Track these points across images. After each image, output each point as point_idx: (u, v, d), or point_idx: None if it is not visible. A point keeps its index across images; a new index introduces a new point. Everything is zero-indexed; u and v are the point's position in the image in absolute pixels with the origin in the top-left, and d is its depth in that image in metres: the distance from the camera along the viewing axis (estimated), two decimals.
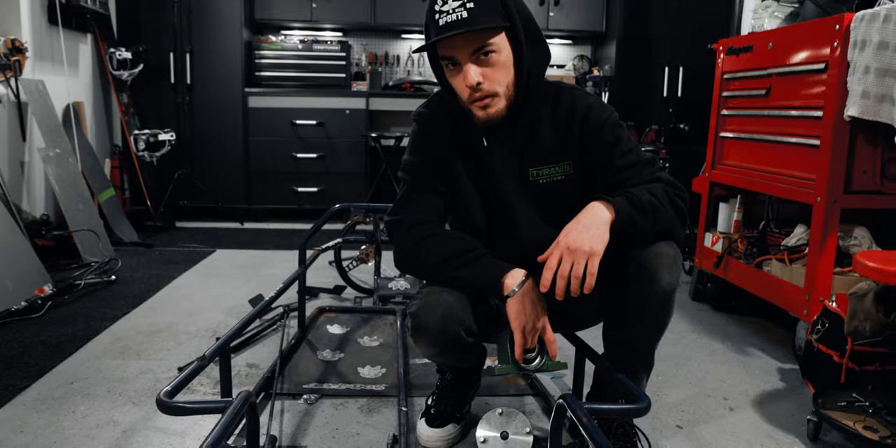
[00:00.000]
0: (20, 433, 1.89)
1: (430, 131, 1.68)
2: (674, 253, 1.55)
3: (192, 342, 2.64)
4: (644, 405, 1.44)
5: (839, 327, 2.04)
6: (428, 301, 1.56)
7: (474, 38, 1.47)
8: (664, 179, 1.59)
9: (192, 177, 5.16)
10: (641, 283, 1.53)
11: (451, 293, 1.57)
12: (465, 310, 1.57)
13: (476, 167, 1.65)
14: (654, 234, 1.53)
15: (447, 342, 1.56)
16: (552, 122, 1.60)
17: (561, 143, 1.60)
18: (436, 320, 1.53)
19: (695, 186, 3.36)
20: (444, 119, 1.66)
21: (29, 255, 3.28)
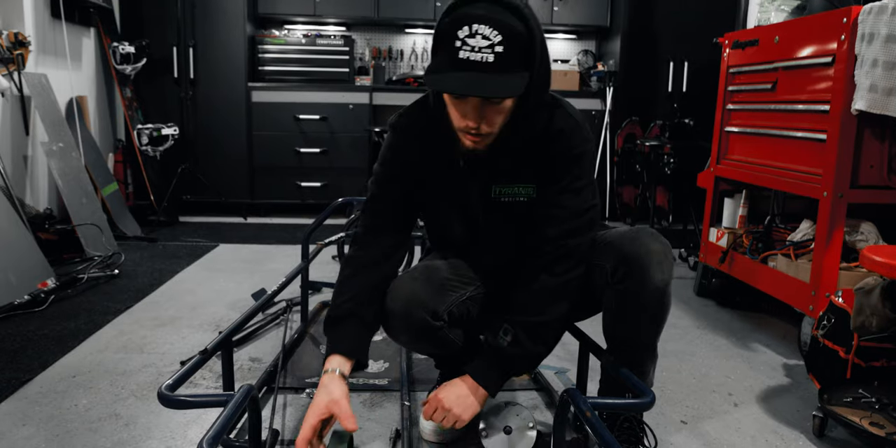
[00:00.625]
0: (23, 426, 1.89)
1: (403, 143, 1.64)
2: (663, 248, 1.56)
3: (194, 336, 2.64)
4: (648, 400, 1.43)
5: (845, 323, 2.02)
6: (394, 287, 1.59)
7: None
8: (573, 247, 1.56)
9: (196, 171, 5.16)
10: (635, 282, 1.55)
11: (417, 279, 1.60)
12: (432, 295, 1.58)
13: (447, 181, 1.64)
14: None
15: (414, 328, 1.57)
16: (525, 145, 1.56)
17: (527, 165, 1.58)
18: (400, 306, 1.55)
19: (700, 182, 3.34)
20: (421, 130, 1.61)
21: (32, 248, 3.28)
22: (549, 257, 1.56)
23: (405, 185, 1.65)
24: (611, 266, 1.58)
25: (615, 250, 1.58)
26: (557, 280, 1.56)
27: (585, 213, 1.57)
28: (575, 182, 1.55)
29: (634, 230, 1.61)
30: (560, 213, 1.56)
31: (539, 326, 1.58)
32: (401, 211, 1.67)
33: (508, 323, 1.56)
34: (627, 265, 1.55)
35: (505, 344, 1.52)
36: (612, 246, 1.59)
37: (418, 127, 1.62)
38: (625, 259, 1.55)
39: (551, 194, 1.56)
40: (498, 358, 1.55)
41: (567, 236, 1.56)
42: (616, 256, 1.57)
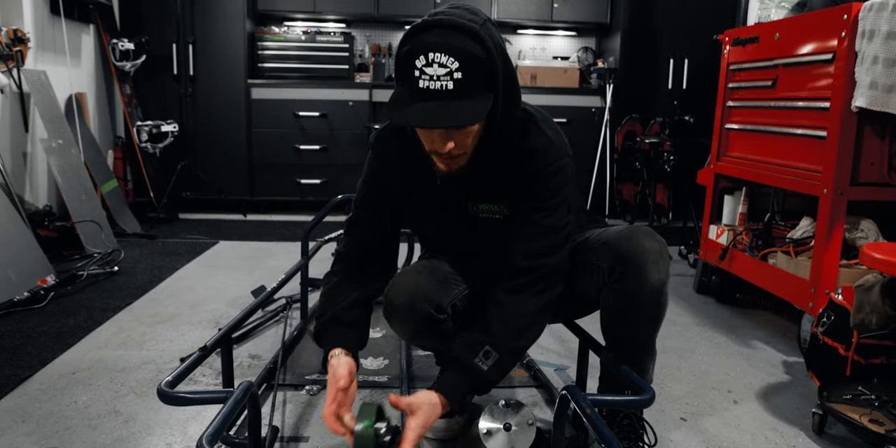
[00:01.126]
0: (22, 423, 1.89)
1: (382, 163, 1.65)
2: (658, 247, 1.55)
3: (194, 333, 2.64)
4: (648, 397, 1.43)
5: (845, 320, 2.02)
6: (397, 281, 1.59)
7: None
8: (550, 266, 1.54)
9: (195, 168, 5.15)
10: (631, 281, 1.54)
11: (420, 273, 1.60)
12: (436, 288, 1.58)
13: (427, 199, 1.63)
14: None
15: (418, 321, 1.56)
16: (499, 162, 1.55)
17: (502, 183, 1.56)
18: (404, 299, 1.54)
19: (700, 179, 3.34)
20: (398, 149, 1.60)
21: (31, 245, 3.27)
22: (527, 277, 1.53)
23: (387, 208, 1.65)
24: (607, 265, 1.57)
25: (611, 250, 1.57)
26: (538, 301, 1.53)
27: (560, 230, 1.55)
28: (549, 199, 1.53)
29: (630, 229, 1.61)
30: (534, 231, 1.53)
31: (520, 350, 1.56)
32: (383, 222, 1.67)
33: (490, 346, 1.48)
34: (624, 264, 1.54)
35: (486, 367, 1.48)
36: (608, 245, 1.59)
37: (395, 146, 1.61)
38: (621, 258, 1.55)
39: (525, 212, 1.54)
40: (476, 380, 1.48)
41: (542, 255, 1.53)
42: (612, 256, 1.56)
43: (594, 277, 1.61)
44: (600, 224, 1.77)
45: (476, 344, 1.49)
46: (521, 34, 5.90)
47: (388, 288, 1.58)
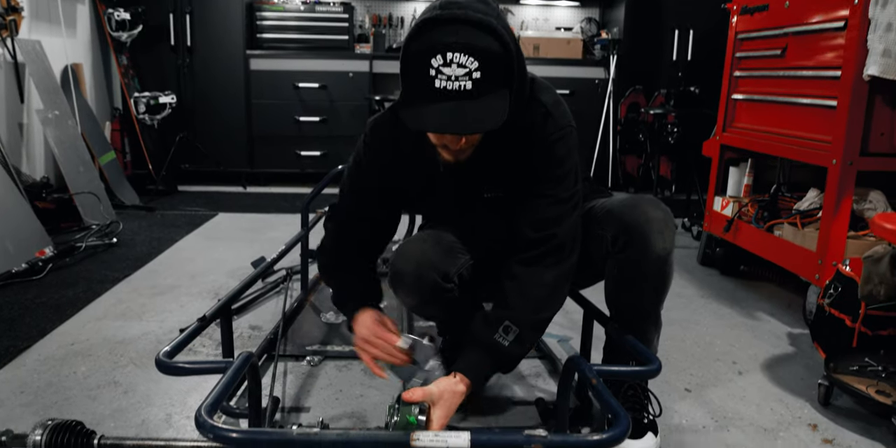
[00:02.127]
0: (21, 394, 1.87)
1: (380, 151, 1.58)
2: (663, 217, 1.51)
3: (194, 304, 2.61)
4: (654, 367, 1.41)
5: (852, 291, 2.00)
6: (404, 250, 1.55)
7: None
8: (562, 236, 1.49)
9: (194, 140, 5.09)
10: (636, 251, 1.51)
11: (426, 241, 1.56)
12: (442, 257, 1.54)
13: (428, 183, 1.58)
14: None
15: (425, 290, 1.52)
16: (503, 143, 1.49)
17: (504, 162, 1.51)
18: (411, 268, 1.51)
19: (705, 150, 3.30)
20: (397, 138, 1.53)
21: (29, 217, 3.24)
22: (539, 249, 1.49)
23: (380, 195, 1.60)
24: (611, 235, 1.54)
25: (615, 219, 1.54)
26: (552, 273, 1.49)
27: (569, 200, 1.50)
28: (554, 170, 1.48)
29: (634, 198, 1.57)
30: (542, 203, 1.49)
31: (541, 323, 1.52)
32: (375, 224, 1.64)
33: (510, 320, 1.44)
34: (628, 234, 1.51)
35: (507, 343, 1.43)
36: (612, 214, 1.55)
37: (393, 131, 1.53)
38: (625, 228, 1.51)
39: (531, 184, 1.50)
40: (498, 358, 1.45)
41: (552, 224, 1.48)
42: (616, 225, 1.53)
43: (598, 247, 1.58)
44: (604, 193, 1.73)
45: (495, 320, 1.45)
46: (523, 4, 5.80)
47: (394, 257, 1.55)
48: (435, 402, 1.32)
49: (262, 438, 1.12)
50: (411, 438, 1.03)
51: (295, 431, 1.02)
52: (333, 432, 1.03)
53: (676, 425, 1.79)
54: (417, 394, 1.31)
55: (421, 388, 1.33)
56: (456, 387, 1.37)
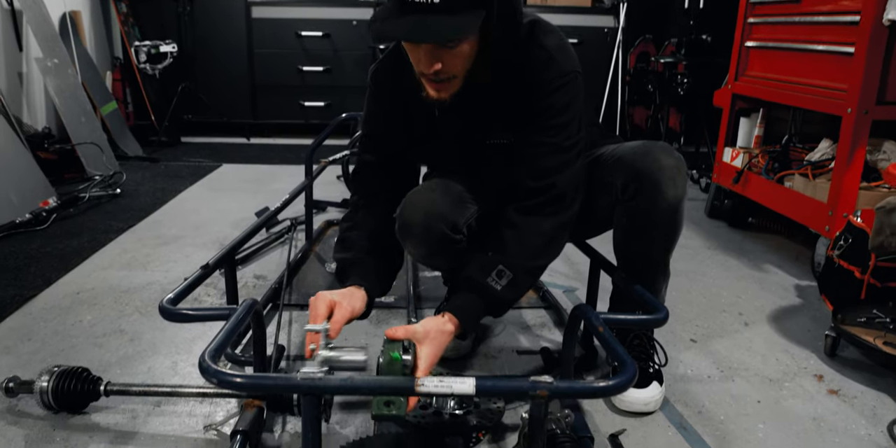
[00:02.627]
0: (28, 341, 1.88)
1: (381, 95, 1.56)
2: (675, 163, 1.48)
3: (198, 254, 2.61)
4: (662, 315, 1.40)
5: (863, 243, 1.97)
6: (412, 199, 1.50)
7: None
8: (562, 185, 1.44)
9: (197, 91, 5.02)
10: (646, 198, 1.48)
11: (435, 191, 1.52)
12: (451, 207, 1.51)
13: (429, 129, 1.54)
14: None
15: (433, 241, 1.48)
16: (503, 87, 1.45)
17: (503, 107, 1.47)
18: (419, 219, 1.47)
19: (716, 100, 3.23)
20: (396, 79, 1.51)
21: (32, 167, 3.22)
22: (539, 198, 1.45)
23: (393, 141, 1.56)
24: (621, 182, 1.51)
25: (626, 166, 1.50)
26: (551, 222, 1.45)
27: (571, 148, 1.45)
28: (556, 117, 1.43)
29: (646, 145, 1.53)
30: (542, 151, 1.44)
31: (536, 270, 1.49)
32: (394, 176, 1.59)
33: (504, 265, 1.41)
34: (639, 181, 1.48)
35: (500, 287, 1.41)
36: (623, 162, 1.52)
37: (393, 77, 1.51)
38: (636, 175, 1.48)
39: (531, 131, 1.45)
40: (489, 301, 1.42)
41: (551, 173, 1.44)
42: (626, 172, 1.49)
43: (607, 195, 1.55)
44: (614, 140, 1.69)
45: (489, 264, 1.42)
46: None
47: (402, 207, 1.50)
48: (421, 340, 1.28)
49: (266, 383, 1.11)
50: (416, 383, 1.02)
51: (299, 376, 1.01)
52: (338, 377, 1.02)
53: (682, 375, 1.79)
54: (400, 331, 1.28)
55: (405, 326, 1.30)
56: (444, 326, 1.34)
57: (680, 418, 1.58)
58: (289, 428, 1.50)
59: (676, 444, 1.48)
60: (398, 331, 1.27)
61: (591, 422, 1.55)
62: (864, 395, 1.70)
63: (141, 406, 1.57)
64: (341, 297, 1.34)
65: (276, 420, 1.52)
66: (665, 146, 1.51)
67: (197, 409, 1.57)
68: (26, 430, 1.47)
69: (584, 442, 1.38)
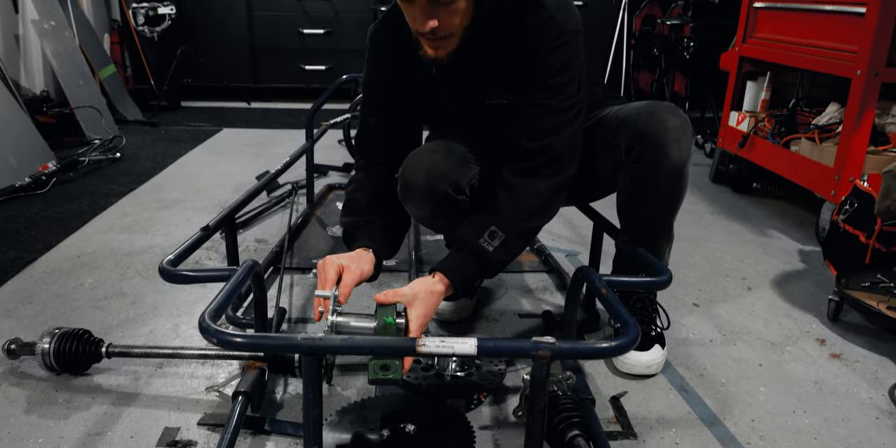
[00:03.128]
0: (29, 304, 1.88)
1: (380, 56, 1.54)
2: (681, 124, 1.45)
3: (199, 218, 2.59)
4: (665, 278, 1.39)
5: (869, 207, 1.95)
6: (414, 160, 1.48)
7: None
8: (558, 147, 1.42)
9: (196, 54, 4.96)
10: (651, 160, 1.46)
11: (437, 151, 1.50)
12: (454, 167, 1.49)
13: (428, 89, 1.52)
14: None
15: (436, 201, 1.47)
16: (501, 46, 1.42)
17: (501, 67, 1.44)
18: (421, 178, 1.45)
19: (723, 63, 3.18)
20: (394, 40, 1.48)
21: (31, 131, 3.19)
22: (535, 160, 1.43)
23: (395, 103, 1.54)
24: (625, 144, 1.48)
25: (630, 127, 1.47)
26: (547, 184, 1.43)
27: (569, 109, 1.42)
28: (554, 78, 1.40)
29: (651, 105, 1.50)
30: (540, 112, 1.42)
31: (529, 232, 1.47)
32: (398, 138, 1.57)
33: (497, 226, 1.40)
34: (643, 143, 1.45)
35: (492, 248, 1.38)
36: (627, 122, 1.49)
37: (392, 38, 1.48)
38: (641, 136, 1.45)
39: (529, 92, 1.42)
40: (481, 261, 1.40)
41: (548, 134, 1.42)
42: (631, 133, 1.47)
43: (611, 157, 1.52)
44: (618, 100, 1.66)
45: (481, 224, 1.41)
46: None
47: (404, 167, 1.48)
48: (410, 302, 1.27)
49: (265, 342, 1.11)
50: (417, 343, 1.01)
51: (299, 336, 1.00)
52: (338, 338, 1.01)
53: (684, 339, 1.78)
54: (389, 295, 1.27)
55: (393, 289, 1.29)
56: (434, 286, 1.32)
57: (681, 381, 1.59)
58: (290, 389, 1.50)
59: (678, 407, 1.48)
60: (387, 295, 1.26)
61: (592, 384, 1.55)
62: (865, 360, 1.70)
63: (143, 368, 1.58)
64: (349, 261, 1.33)
65: (278, 382, 1.52)
66: (671, 106, 1.48)
67: (199, 370, 1.57)
68: (29, 391, 1.48)
69: (586, 403, 1.39)
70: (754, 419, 1.45)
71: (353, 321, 1.21)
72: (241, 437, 1.32)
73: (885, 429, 1.42)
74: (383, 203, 1.50)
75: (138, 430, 1.35)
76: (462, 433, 1.27)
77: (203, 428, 1.37)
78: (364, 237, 1.45)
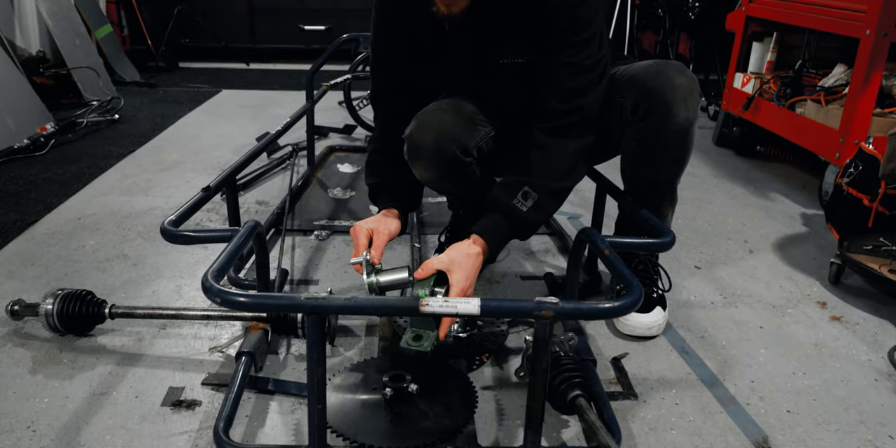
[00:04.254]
0: (31, 266, 1.88)
1: (390, 13, 1.49)
2: (688, 84, 1.43)
3: (199, 180, 2.58)
4: (668, 239, 1.38)
5: (873, 170, 1.94)
6: (422, 120, 1.47)
7: None
8: (587, 107, 1.41)
9: (193, 14, 4.89)
10: (657, 120, 1.44)
11: (446, 111, 1.48)
12: (462, 129, 1.47)
13: (439, 46, 1.49)
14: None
15: (444, 163, 1.46)
16: (518, 2, 1.38)
17: (518, 23, 1.40)
18: (429, 140, 1.44)
19: (728, 23, 3.13)
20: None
21: (28, 92, 3.16)
22: (567, 119, 1.42)
23: (404, 63, 1.53)
24: (631, 103, 1.46)
25: (637, 85, 1.45)
26: (576, 144, 1.43)
27: (594, 67, 1.41)
28: (580, 33, 1.37)
29: (659, 63, 1.47)
30: (565, 71, 1.39)
31: (562, 192, 1.46)
32: (410, 97, 1.56)
33: (530, 186, 1.39)
34: (649, 102, 1.43)
35: (525, 208, 1.38)
36: (635, 81, 1.46)
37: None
38: (647, 95, 1.43)
39: (554, 49, 1.39)
40: (515, 222, 1.40)
41: (577, 95, 1.40)
42: (638, 92, 1.45)
43: (617, 116, 1.50)
44: (626, 60, 1.63)
45: (515, 185, 1.40)
46: None
47: (411, 128, 1.47)
48: (449, 268, 1.28)
49: (269, 302, 1.11)
50: (420, 303, 1.01)
51: (303, 296, 1.00)
52: (341, 297, 1.01)
53: (685, 301, 1.79)
54: (426, 268, 1.29)
55: (430, 259, 1.30)
56: (470, 249, 1.34)
57: (682, 343, 1.59)
58: (293, 350, 1.51)
59: (678, 368, 1.49)
60: (425, 268, 1.30)
61: (594, 345, 1.56)
62: (866, 322, 1.71)
63: (146, 329, 1.58)
64: (376, 223, 1.42)
65: (281, 342, 1.53)
66: (678, 65, 1.46)
67: (202, 331, 1.58)
68: (33, 351, 1.49)
69: (587, 364, 1.39)
70: (754, 380, 1.46)
71: (386, 276, 1.33)
72: (245, 396, 1.33)
73: (884, 390, 1.43)
74: (402, 161, 1.51)
75: (143, 390, 1.36)
76: (464, 393, 1.28)
77: (207, 388, 1.38)
78: (387, 196, 1.51)
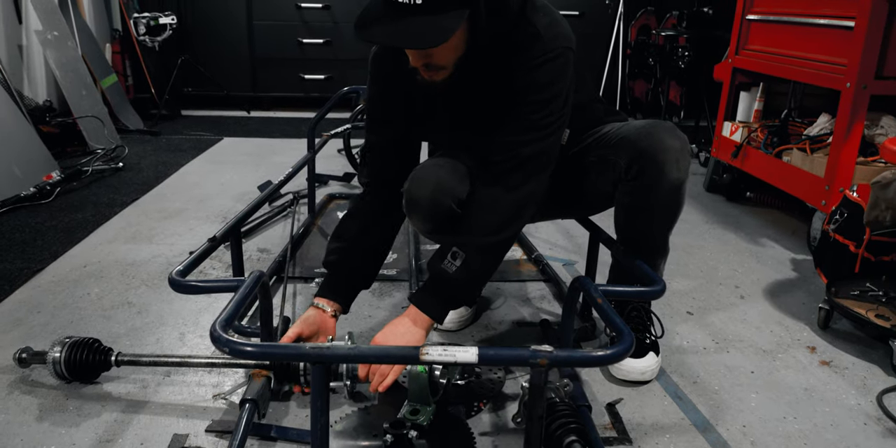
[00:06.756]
0: (38, 313, 1.91)
1: (381, 77, 1.56)
2: (680, 145, 1.49)
3: (202, 228, 2.64)
4: (659, 288, 1.43)
5: (858, 217, 2.00)
6: (419, 175, 1.52)
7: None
8: (526, 158, 1.43)
9: (196, 63, 5.00)
10: (650, 179, 1.50)
11: (442, 167, 1.54)
12: (458, 182, 1.52)
13: (427, 109, 1.55)
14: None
15: (440, 216, 1.51)
16: (495, 65, 1.42)
17: (499, 86, 1.44)
18: (426, 194, 1.49)
19: (716, 74, 3.24)
20: (393, 62, 1.48)
21: (34, 141, 3.23)
22: (499, 168, 1.43)
23: (396, 124, 1.57)
24: (625, 162, 1.52)
25: (630, 146, 1.51)
26: (512, 196, 1.44)
27: (547, 127, 1.42)
28: (538, 94, 1.40)
29: (651, 124, 1.54)
30: (517, 126, 1.42)
31: (492, 248, 1.47)
32: (401, 155, 1.61)
33: (458, 245, 1.42)
34: (642, 162, 1.49)
35: (454, 269, 1.40)
36: (627, 141, 1.52)
37: (393, 60, 1.48)
38: (640, 155, 1.49)
39: (513, 105, 1.43)
40: (443, 284, 1.43)
41: (517, 146, 1.42)
42: (630, 152, 1.50)
43: (610, 174, 1.56)
44: (618, 117, 1.70)
45: (447, 246, 1.44)
46: None
47: (409, 182, 1.52)
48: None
49: (276, 352, 1.15)
50: (421, 352, 1.05)
51: (308, 346, 1.05)
52: (345, 346, 1.05)
53: (678, 346, 1.83)
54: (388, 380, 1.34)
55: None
56: (408, 329, 1.40)
57: (675, 388, 1.63)
58: (294, 396, 1.54)
59: (672, 413, 1.53)
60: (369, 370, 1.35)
61: (589, 391, 1.60)
62: (855, 367, 1.75)
63: (151, 376, 1.61)
64: (311, 333, 1.47)
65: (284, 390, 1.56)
66: (670, 127, 1.52)
67: (206, 378, 1.61)
68: (40, 399, 1.52)
69: (583, 410, 1.43)
70: (746, 425, 1.49)
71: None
72: (249, 443, 1.36)
73: (873, 434, 1.47)
74: (369, 235, 1.58)
75: (148, 437, 1.39)
76: (463, 439, 1.32)
77: (211, 434, 1.41)
78: (331, 287, 1.57)
